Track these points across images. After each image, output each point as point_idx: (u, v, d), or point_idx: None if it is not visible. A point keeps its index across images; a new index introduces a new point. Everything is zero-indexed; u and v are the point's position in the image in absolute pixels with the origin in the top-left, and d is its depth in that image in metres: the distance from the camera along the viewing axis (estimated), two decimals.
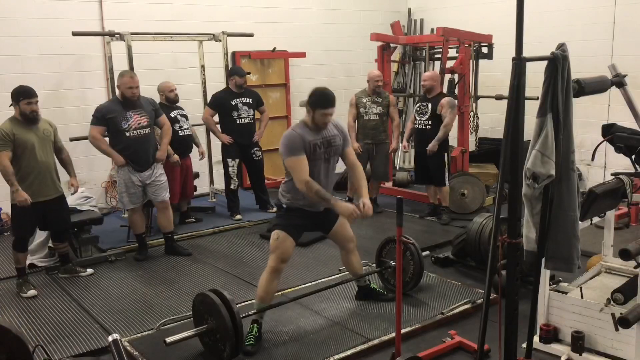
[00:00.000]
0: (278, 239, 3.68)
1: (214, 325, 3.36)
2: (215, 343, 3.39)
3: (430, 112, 6.08)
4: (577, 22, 7.22)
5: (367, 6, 9.05)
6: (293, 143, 3.51)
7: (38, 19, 6.38)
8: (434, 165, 6.18)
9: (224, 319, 3.23)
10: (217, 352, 3.39)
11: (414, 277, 4.23)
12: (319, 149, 3.61)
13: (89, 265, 5.16)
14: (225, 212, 6.61)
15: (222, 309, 3.25)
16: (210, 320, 3.38)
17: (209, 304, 3.37)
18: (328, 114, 3.56)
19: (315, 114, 3.55)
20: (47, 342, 3.79)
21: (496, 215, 2.54)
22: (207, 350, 3.49)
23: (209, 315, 3.38)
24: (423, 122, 6.15)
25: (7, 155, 4.36)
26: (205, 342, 3.50)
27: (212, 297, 3.33)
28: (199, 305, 3.50)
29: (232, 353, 3.29)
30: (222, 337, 3.30)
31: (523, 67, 2.36)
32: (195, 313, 3.55)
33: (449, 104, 6.05)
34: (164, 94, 6.05)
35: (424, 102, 6.18)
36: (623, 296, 3.30)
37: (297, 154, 3.50)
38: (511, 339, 2.62)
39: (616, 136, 3.45)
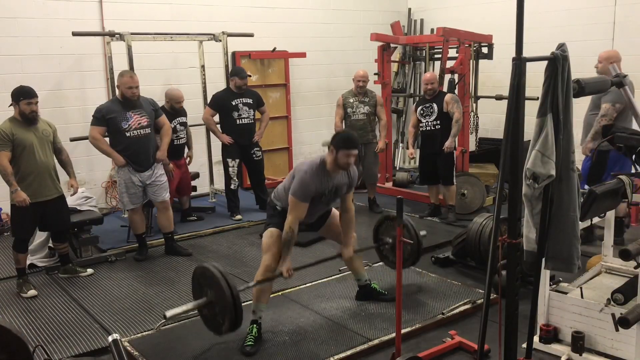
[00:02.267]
0: (272, 237, 3.70)
1: (213, 298, 3.26)
2: (214, 316, 3.29)
3: (437, 112, 6.06)
4: (577, 22, 7.22)
5: (367, 6, 9.05)
6: (305, 189, 3.59)
7: (38, 19, 6.38)
8: (445, 164, 6.15)
9: (224, 291, 3.14)
10: (216, 325, 3.29)
11: (412, 254, 4.16)
12: (324, 197, 3.72)
13: (89, 265, 5.16)
14: (225, 212, 6.61)
15: (222, 281, 3.17)
16: (210, 293, 3.28)
17: (208, 276, 3.27)
18: (352, 155, 3.62)
19: (338, 155, 3.60)
20: (47, 342, 3.80)
21: (496, 216, 2.54)
22: (206, 322, 3.38)
23: (209, 288, 3.28)
24: (431, 124, 6.11)
25: (6, 155, 4.36)
26: (204, 315, 3.39)
27: (212, 269, 3.24)
28: (198, 278, 3.39)
29: (231, 326, 3.20)
30: (221, 310, 3.22)
31: (523, 67, 2.36)
32: (195, 286, 3.43)
33: (453, 99, 6.06)
34: (170, 102, 6.04)
35: (426, 104, 6.14)
36: (623, 296, 3.30)
37: (303, 199, 3.59)
38: (511, 339, 2.62)
39: (616, 136, 3.44)
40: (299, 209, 3.58)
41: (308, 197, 3.60)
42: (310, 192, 3.60)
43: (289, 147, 8.42)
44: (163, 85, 7.26)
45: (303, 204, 3.59)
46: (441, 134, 6.07)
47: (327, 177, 3.66)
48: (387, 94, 7.33)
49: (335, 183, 3.73)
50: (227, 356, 3.55)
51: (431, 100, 6.10)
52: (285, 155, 8.45)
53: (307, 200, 3.60)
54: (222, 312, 3.22)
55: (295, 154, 8.52)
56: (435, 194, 6.45)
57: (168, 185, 5.42)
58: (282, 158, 8.43)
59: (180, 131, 6.07)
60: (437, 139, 6.09)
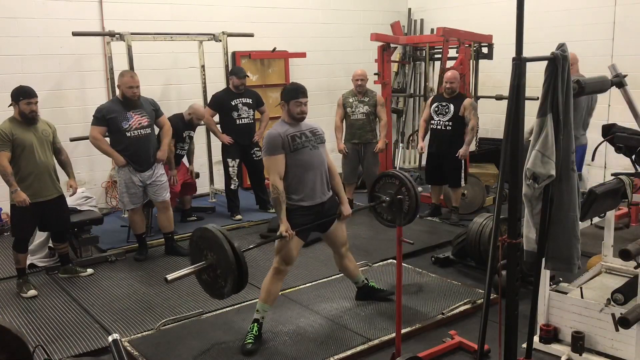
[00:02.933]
0: (282, 240, 3.65)
1: (214, 260, 3.18)
2: (215, 279, 3.21)
3: (452, 113, 6.01)
4: (577, 22, 7.22)
5: (367, 6, 9.05)
6: (270, 142, 3.58)
7: (38, 19, 6.38)
8: (453, 167, 6.11)
9: (227, 252, 3.07)
10: (217, 288, 3.21)
11: (409, 211, 4.05)
12: (298, 139, 3.64)
13: (89, 265, 5.16)
14: (225, 212, 6.61)
15: (223, 242, 3.10)
16: (211, 255, 3.19)
17: (209, 238, 3.18)
18: (301, 102, 3.64)
19: (290, 107, 3.63)
20: (47, 342, 3.80)
21: (496, 216, 2.54)
22: (206, 287, 3.31)
23: (209, 250, 3.20)
24: (443, 123, 6.06)
25: (6, 155, 4.36)
26: (203, 279, 3.30)
27: (212, 230, 3.17)
28: (197, 241, 3.29)
29: (234, 288, 3.12)
30: (223, 272, 3.13)
31: (523, 67, 2.36)
32: (193, 250, 3.34)
33: (472, 106, 6.01)
34: (193, 116, 6.10)
35: (443, 102, 6.07)
36: (623, 296, 3.30)
37: (273, 152, 3.57)
38: (511, 339, 2.62)
39: (616, 136, 3.44)
40: (274, 164, 3.56)
41: (277, 147, 3.56)
42: (276, 141, 3.56)
43: None
44: (163, 85, 7.28)
45: (275, 156, 3.56)
46: (451, 135, 6.03)
47: (290, 126, 3.66)
48: (387, 94, 7.32)
49: (305, 127, 3.72)
50: (227, 356, 3.55)
51: (449, 100, 6.04)
52: None
53: (278, 152, 3.56)
54: (224, 273, 3.12)
55: None
56: (437, 194, 6.44)
57: (168, 185, 5.41)
58: None
59: (186, 143, 6.14)
60: (445, 139, 6.05)
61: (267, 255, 5.11)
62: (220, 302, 4.23)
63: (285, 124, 3.67)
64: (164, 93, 7.25)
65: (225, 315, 4.11)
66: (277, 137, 3.58)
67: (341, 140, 6.49)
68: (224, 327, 3.92)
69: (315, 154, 3.70)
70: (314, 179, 3.68)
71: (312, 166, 3.67)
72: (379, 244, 5.51)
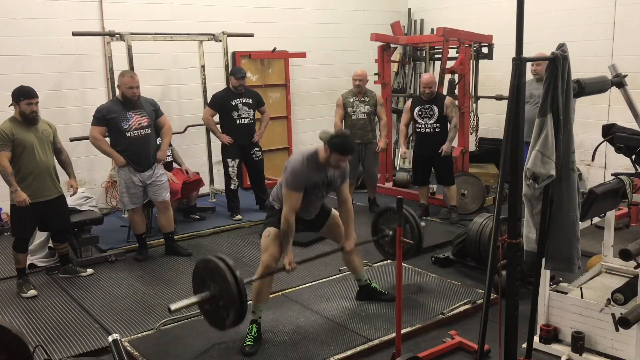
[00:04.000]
0: (269, 236, 3.70)
1: (217, 292, 3.17)
2: (217, 310, 3.20)
3: (438, 114, 6.03)
4: (577, 22, 7.22)
5: (367, 6, 9.05)
6: (297, 179, 3.58)
7: (38, 19, 6.38)
8: (445, 166, 6.17)
9: (229, 284, 3.06)
10: (219, 319, 3.20)
11: (412, 247, 4.15)
12: (317, 189, 3.71)
13: (89, 265, 5.16)
14: (225, 212, 6.61)
15: (226, 273, 3.09)
16: (214, 286, 3.19)
17: (212, 269, 3.18)
18: (343, 160, 3.63)
19: (332, 156, 3.58)
20: (47, 342, 3.80)
21: (496, 216, 2.54)
22: (207, 317, 3.29)
23: (212, 281, 3.19)
24: (431, 126, 6.08)
25: (6, 155, 4.36)
26: (205, 310, 3.29)
27: (215, 261, 3.16)
28: (200, 271, 3.30)
29: (236, 319, 3.13)
30: (226, 303, 3.13)
31: (523, 67, 2.36)
32: (196, 280, 3.33)
33: (453, 104, 6.07)
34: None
35: (425, 105, 6.10)
36: (623, 296, 3.30)
37: (296, 190, 3.59)
38: (511, 339, 2.62)
39: (616, 136, 3.44)
40: (292, 199, 3.57)
41: (300, 186, 3.58)
42: (302, 181, 3.58)
43: (289, 147, 8.42)
44: (163, 85, 7.28)
45: (296, 193, 3.57)
46: (440, 137, 6.07)
47: (318, 168, 3.65)
48: (387, 94, 7.33)
49: (328, 175, 3.73)
50: (227, 356, 3.55)
51: (430, 102, 6.06)
52: (285, 155, 8.44)
53: (300, 190, 3.58)
54: (227, 305, 3.13)
55: None
56: (425, 195, 6.47)
57: (168, 185, 5.41)
58: (282, 158, 8.41)
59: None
60: (435, 141, 6.08)
61: None
62: None
63: (317, 166, 3.64)
64: (164, 93, 7.25)
65: None
66: (303, 178, 3.59)
67: None
68: None
69: (319, 199, 3.83)
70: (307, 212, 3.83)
71: (311, 205, 3.81)
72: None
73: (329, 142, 3.56)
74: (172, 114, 7.06)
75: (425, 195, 6.47)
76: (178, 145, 7.00)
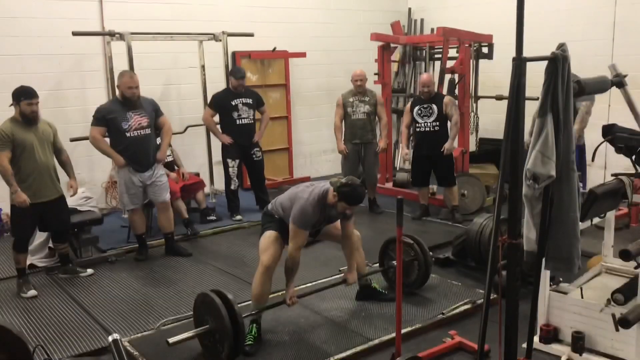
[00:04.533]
0: (269, 237, 3.73)
1: (213, 326, 3.34)
2: (214, 344, 3.37)
3: (437, 113, 6.04)
4: (577, 22, 7.22)
5: (367, 6, 9.05)
6: (306, 218, 3.61)
7: (38, 19, 6.38)
8: (446, 166, 6.16)
9: (223, 319, 3.21)
10: (216, 353, 3.36)
11: (419, 277, 4.23)
12: (318, 226, 3.80)
13: (89, 265, 5.16)
14: (225, 212, 6.61)
15: (222, 309, 3.23)
16: (210, 321, 3.36)
17: (208, 303, 3.35)
18: (351, 209, 3.66)
19: (339, 204, 3.59)
20: (47, 342, 3.79)
21: (496, 216, 2.54)
22: (206, 352, 3.48)
23: (209, 316, 3.37)
24: (430, 125, 6.09)
25: (6, 155, 4.36)
26: (204, 343, 3.48)
27: (212, 297, 3.31)
28: (199, 305, 3.48)
29: (231, 354, 3.27)
30: (221, 338, 3.29)
31: (523, 67, 2.35)
32: (196, 313, 3.53)
33: (452, 102, 6.09)
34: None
35: (424, 105, 6.11)
36: (623, 296, 3.30)
37: (304, 228, 3.62)
38: (511, 339, 2.62)
39: (616, 137, 3.44)
40: (300, 237, 3.61)
41: (309, 226, 3.64)
42: (311, 221, 3.63)
43: (289, 147, 8.42)
44: (163, 85, 7.28)
45: (304, 231, 3.62)
46: (440, 135, 6.07)
47: (326, 209, 3.68)
48: (387, 94, 7.32)
49: (332, 215, 3.77)
50: None
51: (429, 101, 6.08)
52: (285, 156, 8.45)
53: (309, 229, 3.64)
54: (222, 339, 3.27)
55: (295, 154, 8.52)
56: (426, 195, 6.47)
57: (169, 186, 5.41)
58: (282, 158, 8.43)
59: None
60: (435, 140, 6.08)
61: None
62: None
63: (324, 208, 3.66)
64: (164, 93, 7.25)
65: None
66: (313, 219, 3.63)
67: (341, 141, 6.49)
68: None
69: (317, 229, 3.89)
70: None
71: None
72: (379, 244, 5.49)
73: (338, 189, 3.53)
74: (172, 114, 7.05)
75: (425, 196, 6.47)
76: (178, 146, 7.00)
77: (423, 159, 6.25)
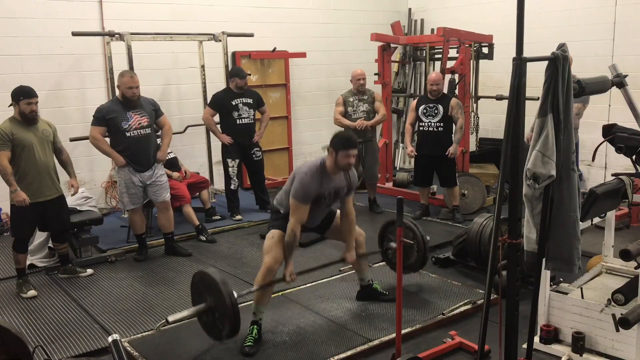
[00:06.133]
0: (273, 238, 3.69)
1: (212, 304, 3.25)
2: (213, 322, 3.29)
3: (442, 113, 6.05)
4: (577, 22, 7.22)
5: (367, 6, 9.04)
6: (305, 191, 3.57)
7: (38, 19, 6.38)
8: (448, 167, 6.16)
9: (223, 296, 3.13)
10: (216, 331, 3.29)
11: (418, 259, 4.19)
12: (324, 199, 3.71)
13: (89, 265, 5.16)
14: (225, 212, 6.61)
15: (221, 286, 3.16)
16: (209, 299, 3.27)
17: (208, 282, 3.26)
18: (351, 155, 3.61)
19: (338, 156, 3.58)
20: (47, 342, 3.79)
21: (496, 216, 2.53)
22: (205, 329, 3.39)
23: (208, 294, 3.27)
24: (434, 125, 6.09)
25: (6, 155, 4.36)
26: (203, 321, 3.39)
27: (211, 274, 3.24)
28: (197, 284, 3.39)
29: (232, 332, 3.20)
30: (221, 316, 3.20)
31: (523, 67, 2.35)
32: (194, 292, 3.44)
33: (458, 105, 6.08)
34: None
35: (430, 104, 6.11)
36: (624, 297, 3.30)
37: (303, 201, 3.58)
38: (511, 340, 2.62)
39: (617, 136, 3.44)
40: (300, 211, 3.57)
41: (309, 198, 3.59)
42: (311, 193, 3.58)
43: (289, 147, 8.42)
44: (163, 85, 7.28)
45: (304, 205, 3.58)
46: (443, 136, 6.07)
47: (327, 178, 3.66)
48: (387, 94, 7.32)
49: (335, 185, 3.72)
50: (227, 356, 3.54)
51: (436, 101, 6.09)
52: (285, 156, 8.45)
53: (308, 202, 3.59)
54: (222, 318, 3.21)
55: (295, 154, 8.51)
56: (426, 195, 6.46)
57: (169, 186, 5.41)
58: (282, 158, 8.43)
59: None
60: (438, 140, 6.08)
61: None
62: None
63: (324, 175, 3.64)
64: (164, 93, 7.25)
65: None
66: (312, 190, 3.59)
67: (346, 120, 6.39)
68: None
69: (325, 208, 3.84)
70: (312, 220, 3.82)
71: (317, 214, 3.81)
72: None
73: (331, 143, 3.58)
74: (172, 114, 7.05)
75: (425, 196, 6.47)
76: (178, 145, 7.01)
77: (425, 159, 6.25)
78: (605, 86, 2.97)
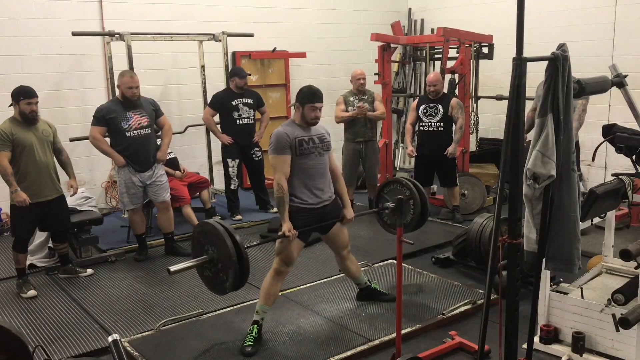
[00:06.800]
0: (282, 241, 3.65)
1: (215, 255, 3.15)
2: (216, 274, 3.17)
3: (442, 113, 6.07)
4: (577, 22, 7.22)
5: (367, 6, 9.04)
6: (278, 141, 3.58)
7: (38, 19, 6.38)
8: (448, 167, 6.18)
9: (227, 245, 3.04)
10: (218, 283, 3.18)
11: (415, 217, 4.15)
12: (305, 144, 3.65)
13: (89, 265, 5.16)
14: (225, 212, 6.60)
15: (224, 235, 3.07)
16: (212, 250, 3.17)
17: (209, 232, 3.16)
18: (317, 107, 3.64)
19: (305, 110, 3.63)
20: (47, 342, 3.79)
21: (496, 216, 2.53)
22: (207, 283, 3.29)
23: (210, 245, 3.17)
24: (434, 124, 6.11)
25: (6, 155, 4.36)
26: (205, 275, 3.27)
27: (213, 224, 3.16)
28: (198, 236, 3.28)
29: (235, 282, 3.08)
30: (224, 266, 3.09)
31: (523, 67, 2.35)
32: (195, 246, 3.32)
33: (459, 105, 6.09)
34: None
35: (430, 104, 6.13)
36: (624, 297, 3.30)
37: (280, 152, 3.58)
38: (511, 340, 2.62)
39: (617, 136, 3.44)
40: (279, 163, 3.57)
41: (285, 148, 3.57)
42: (286, 142, 3.57)
43: None
44: (163, 85, 7.28)
45: (282, 156, 3.57)
46: (443, 136, 6.08)
47: (300, 128, 3.67)
48: (387, 94, 7.31)
49: (316, 132, 3.73)
50: (227, 356, 3.54)
51: (436, 101, 6.10)
52: None
53: (286, 152, 3.57)
54: (225, 267, 3.08)
55: None
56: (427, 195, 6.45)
57: (169, 186, 5.41)
58: None
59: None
60: (438, 140, 6.09)
61: (267, 255, 5.11)
62: (220, 302, 4.24)
63: (296, 126, 3.68)
64: (164, 93, 7.25)
65: (225, 315, 4.10)
66: (285, 138, 3.58)
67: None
68: (223, 327, 3.91)
69: (320, 160, 3.73)
70: (317, 183, 3.71)
71: (317, 172, 3.70)
72: (379, 244, 5.51)
73: (297, 98, 3.66)
74: (172, 114, 7.05)
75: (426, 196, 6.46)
76: (178, 146, 7.01)
77: (425, 159, 6.26)
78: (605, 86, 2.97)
